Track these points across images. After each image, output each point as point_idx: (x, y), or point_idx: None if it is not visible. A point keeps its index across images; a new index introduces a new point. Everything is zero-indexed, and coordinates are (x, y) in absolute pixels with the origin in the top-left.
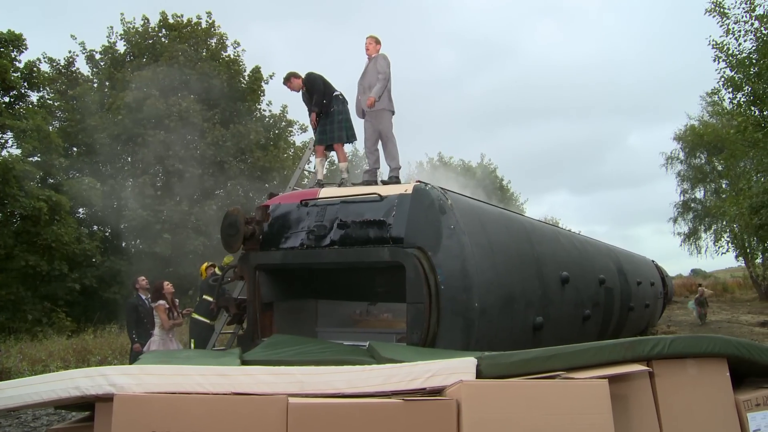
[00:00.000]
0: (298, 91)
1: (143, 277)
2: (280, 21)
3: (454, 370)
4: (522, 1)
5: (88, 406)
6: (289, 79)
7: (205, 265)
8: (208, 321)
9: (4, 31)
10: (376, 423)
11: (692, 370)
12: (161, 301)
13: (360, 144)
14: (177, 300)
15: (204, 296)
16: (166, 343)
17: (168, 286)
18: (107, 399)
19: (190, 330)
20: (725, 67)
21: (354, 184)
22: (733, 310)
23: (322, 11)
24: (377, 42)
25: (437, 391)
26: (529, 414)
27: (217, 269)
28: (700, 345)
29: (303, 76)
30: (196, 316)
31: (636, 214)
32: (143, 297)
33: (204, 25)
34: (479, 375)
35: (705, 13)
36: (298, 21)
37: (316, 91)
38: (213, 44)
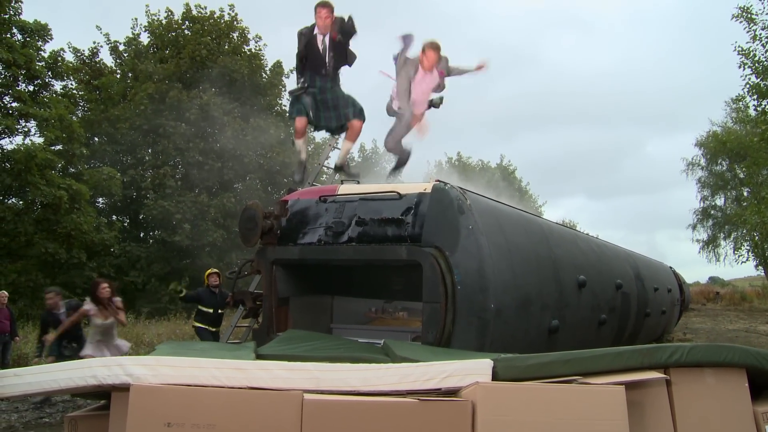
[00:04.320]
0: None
1: (50, 294)
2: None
3: (470, 371)
4: (544, 11)
5: (104, 394)
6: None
7: (209, 272)
8: (208, 328)
9: (31, 21)
10: (390, 422)
11: (710, 379)
12: (86, 307)
13: (380, 141)
14: (119, 297)
15: (200, 307)
16: (101, 348)
17: (103, 289)
18: (123, 389)
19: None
20: (751, 74)
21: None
22: (751, 320)
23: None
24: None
25: (452, 392)
26: (544, 417)
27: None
28: (719, 354)
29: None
30: (196, 323)
31: (652, 221)
32: (55, 311)
33: (227, 18)
34: (495, 377)
35: (732, 19)
36: None
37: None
38: (235, 38)
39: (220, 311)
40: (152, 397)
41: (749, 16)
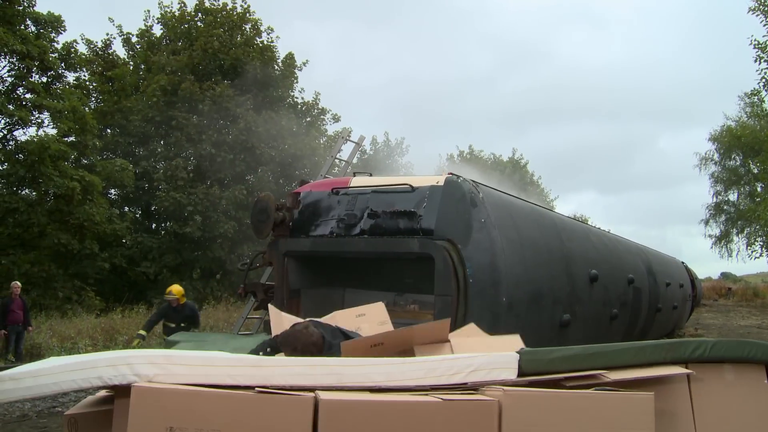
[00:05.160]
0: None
1: None
2: (322, 20)
3: (496, 365)
4: (557, 6)
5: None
6: None
7: (167, 294)
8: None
9: (44, 13)
10: (412, 422)
11: (729, 375)
12: None
13: (392, 134)
14: None
15: (165, 322)
16: None
17: None
18: (128, 388)
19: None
20: (767, 68)
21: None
22: (764, 316)
23: (363, 12)
24: None
25: (478, 387)
26: (571, 424)
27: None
28: (743, 350)
29: None
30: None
31: (665, 216)
32: None
33: (239, 10)
34: (520, 370)
35: (748, 12)
36: (339, 21)
37: None
38: (247, 30)
39: (182, 324)
40: (154, 399)
41: (767, 9)
